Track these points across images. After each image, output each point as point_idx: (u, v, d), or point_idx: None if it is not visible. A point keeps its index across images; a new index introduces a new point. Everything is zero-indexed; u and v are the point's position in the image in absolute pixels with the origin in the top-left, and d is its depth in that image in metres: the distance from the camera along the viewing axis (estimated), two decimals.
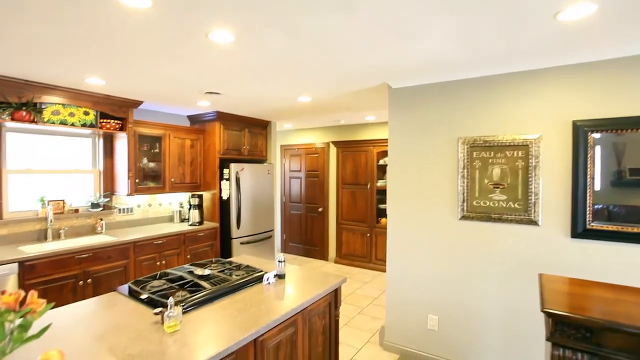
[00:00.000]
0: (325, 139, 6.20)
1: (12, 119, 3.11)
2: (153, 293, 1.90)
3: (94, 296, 3.35)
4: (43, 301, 0.94)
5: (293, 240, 6.58)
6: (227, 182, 4.56)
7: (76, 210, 3.81)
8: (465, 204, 2.79)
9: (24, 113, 3.15)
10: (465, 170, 2.78)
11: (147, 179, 4.27)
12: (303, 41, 2.11)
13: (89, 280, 3.31)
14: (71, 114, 3.46)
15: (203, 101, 3.98)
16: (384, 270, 5.40)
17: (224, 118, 4.67)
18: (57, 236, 3.61)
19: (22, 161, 3.52)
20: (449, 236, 2.89)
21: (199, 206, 4.52)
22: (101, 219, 3.96)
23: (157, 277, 2.19)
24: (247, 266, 2.42)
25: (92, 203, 3.94)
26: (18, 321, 0.91)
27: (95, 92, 3.51)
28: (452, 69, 2.62)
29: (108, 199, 4.07)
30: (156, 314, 1.65)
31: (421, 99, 3.03)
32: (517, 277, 2.59)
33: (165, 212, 4.70)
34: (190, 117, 4.94)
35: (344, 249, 5.90)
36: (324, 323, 2.18)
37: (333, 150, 6.06)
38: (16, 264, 2.87)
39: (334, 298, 2.27)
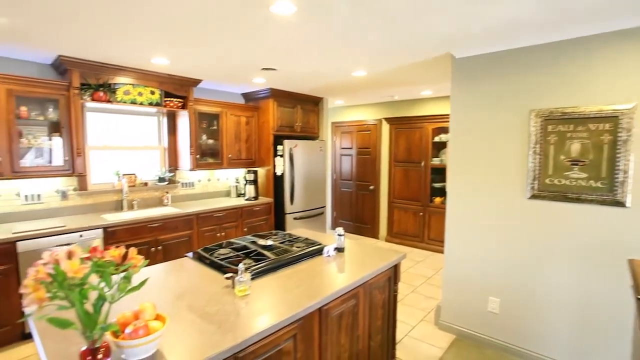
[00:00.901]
0: (377, 116, 6.05)
1: (92, 99, 3.39)
2: (222, 260, 2.02)
3: (164, 261, 3.67)
4: (141, 257, 1.02)
5: (343, 217, 6.63)
6: (281, 158, 4.65)
7: (145, 184, 4.13)
8: (536, 182, 2.58)
9: (101, 93, 3.42)
10: (538, 145, 2.56)
11: (206, 155, 4.49)
12: (367, 8, 2.02)
13: (160, 247, 3.61)
14: (140, 94, 3.68)
15: (258, 78, 4.03)
16: (437, 251, 5.27)
17: (277, 95, 4.72)
18: (130, 207, 3.95)
19: (98, 138, 3.85)
20: (515, 216, 2.71)
21: (254, 182, 4.68)
22: (167, 192, 4.26)
23: (223, 245, 2.31)
24: (306, 239, 2.47)
25: (158, 177, 4.24)
26: (122, 274, 1.01)
27: (160, 72, 3.70)
28: (528, 32, 2.37)
29: (172, 173, 4.35)
30: (227, 278, 1.75)
31: (488, 69, 2.80)
32: (595, 262, 2.38)
33: (223, 186, 4.94)
34: (244, 95, 5.06)
35: (395, 228, 5.82)
36: (383, 297, 2.18)
37: (385, 127, 5.91)
38: (101, 230, 3.20)
39: (393, 273, 2.25)
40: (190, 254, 2.25)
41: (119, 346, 1.06)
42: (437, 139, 5.27)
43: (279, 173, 4.71)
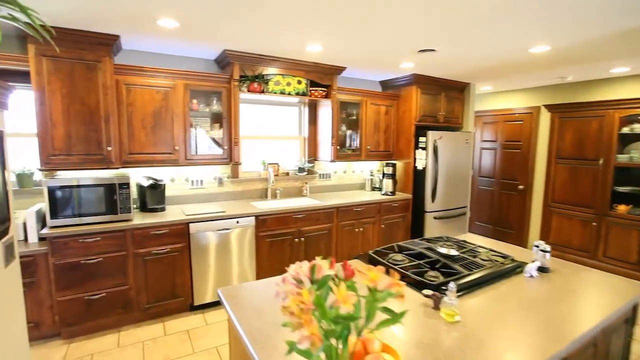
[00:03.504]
0: (533, 103, 5.08)
1: (248, 91, 3.51)
2: (402, 268, 1.75)
3: (306, 253, 3.66)
4: (403, 283, 0.78)
5: (480, 219, 5.86)
6: (423, 151, 4.23)
7: (287, 174, 4.20)
8: None
9: (256, 84, 3.52)
10: None
11: (344, 146, 4.35)
12: None
13: (302, 239, 3.60)
14: (288, 84, 3.70)
15: (407, 62, 3.66)
16: (616, 272, 4.16)
17: (420, 81, 4.28)
18: (274, 195, 4.06)
19: (245, 128, 4.00)
20: None
21: (392, 175, 4.37)
22: (306, 183, 4.27)
23: (395, 249, 2.05)
24: (491, 250, 2.04)
25: (298, 167, 4.27)
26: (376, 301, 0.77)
27: (307, 61, 3.64)
28: None
29: (312, 164, 4.33)
30: (427, 296, 1.46)
31: None
32: None
33: (358, 179, 4.76)
34: (382, 83, 4.75)
35: (552, 237, 4.84)
36: (618, 343, 1.62)
37: (545, 116, 4.91)
38: (253, 217, 3.31)
39: (632, 313, 1.67)
40: (360, 256, 2.04)
41: None
42: (626, 129, 4.11)
43: (419, 167, 4.30)
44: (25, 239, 2.71)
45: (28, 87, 2.69)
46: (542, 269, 1.82)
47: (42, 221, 2.77)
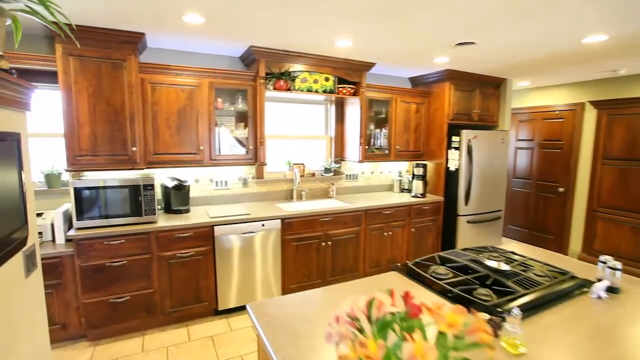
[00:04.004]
0: (576, 99, 4.72)
1: (274, 88, 3.39)
2: (447, 282, 1.57)
3: (333, 258, 3.51)
4: (489, 329, 0.61)
5: (514, 222, 5.53)
6: (456, 151, 3.98)
7: (312, 174, 4.06)
8: None
9: (282, 82, 3.39)
10: None
11: (372, 146, 4.16)
12: None
13: (329, 242, 3.45)
14: (315, 81, 3.55)
15: (441, 57, 3.44)
16: None
17: (454, 77, 4.03)
18: (299, 197, 3.92)
19: (270, 128, 3.88)
20: None
21: (423, 177, 4.15)
22: (332, 184, 4.11)
23: (437, 261, 1.86)
24: (546, 264, 1.82)
25: (324, 168, 4.12)
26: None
27: (335, 57, 3.48)
28: None
29: (339, 164, 4.18)
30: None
31: None
32: None
33: (386, 180, 4.57)
34: (412, 79, 4.53)
35: (597, 244, 4.49)
36: None
37: (590, 113, 4.55)
38: (279, 220, 3.18)
39: None
40: (397, 267, 1.88)
41: None
42: None
43: (452, 168, 4.06)
44: (53, 240, 2.70)
45: (55, 87, 2.66)
46: (611, 289, 1.59)
47: (68, 221, 2.75)
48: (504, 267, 1.70)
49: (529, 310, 1.39)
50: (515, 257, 1.93)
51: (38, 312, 1.45)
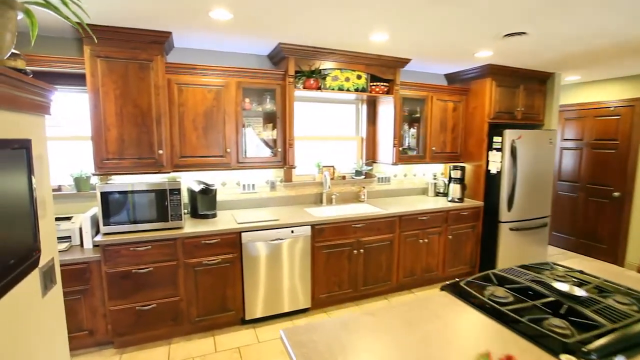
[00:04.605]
0: (634, 94, 4.27)
1: (304, 87, 3.22)
2: (514, 312, 1.33)
3: (365, 266, 3.31)
4: None
5: (560, 229, 5.10)
6: (498, 152, 3.67)
7: (343, 177, 3.86)
8: None
9: (312, 81, 3.21)
10: None
11: (406, 147, 3.92)
12: None
13: (362, 250, 3.25)
14: (347, 79, 3.36)
15: (484, 51, 3.16)
16: None
17: (496, 72, 3.72)
18: (329, 201, 3.74)
19: (299, 128, 3.71)
20: None
21: (461, 180, 3.86)
22: (364, 187, 3.91)
23: (493, 280, 1.63)
24: (629, 290, 1.54)
25: (355, 170, 3.91)
26: None
27: (369, 53, 3.27)
28: None
29: (370, 167, 3.96)
30: None
31: None
32: None
33: (420, 183, 4.31)
34: (448, 76, 4.24)
35: None
36: None
37: None
38: (309, 227, 3.02)
39: None
40: (447, 287, 1.65)
41: None
42: None
43: (493, 171, 3.75)
44: (81, 244, 2.66)
45: (83, 89, 2.62)
46: None
47: (96, 226, 2.70)
48: (578, 291, 1.45)
49: (623, 351, 1.14)
50: (587, 277, 1.66)
51: (58, 331, 1.35)
